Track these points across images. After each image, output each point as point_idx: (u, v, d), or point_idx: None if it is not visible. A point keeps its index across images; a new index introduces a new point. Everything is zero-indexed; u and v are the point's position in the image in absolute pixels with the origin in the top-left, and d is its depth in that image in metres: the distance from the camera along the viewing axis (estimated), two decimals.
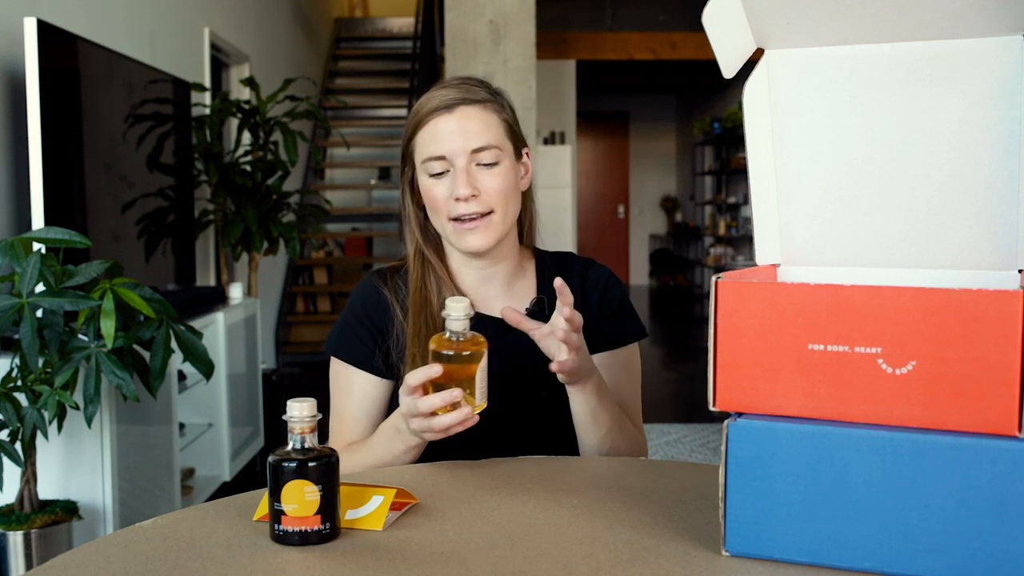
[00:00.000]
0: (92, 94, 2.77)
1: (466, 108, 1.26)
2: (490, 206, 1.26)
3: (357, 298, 1.36)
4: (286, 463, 0.89)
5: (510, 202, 1.29)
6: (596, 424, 1.24)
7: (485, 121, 1.27)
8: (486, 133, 1.26)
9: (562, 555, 0.86)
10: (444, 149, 1.25)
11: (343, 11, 9.02)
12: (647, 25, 9.27)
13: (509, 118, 1.32)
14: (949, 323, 0.76)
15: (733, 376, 0.84)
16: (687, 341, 7.81)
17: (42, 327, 1.94)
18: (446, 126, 1.26)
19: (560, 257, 1.42)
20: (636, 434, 1.32)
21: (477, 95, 1.28)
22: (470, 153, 1.25)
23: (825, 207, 0.94)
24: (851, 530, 0.80)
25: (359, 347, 1.32)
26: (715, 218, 9.87)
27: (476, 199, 1.25)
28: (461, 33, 5.55)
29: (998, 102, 0.85)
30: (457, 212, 1.25)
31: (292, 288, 6.61)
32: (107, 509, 2.31)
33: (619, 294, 1.39)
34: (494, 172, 1.26)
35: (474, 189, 1.24)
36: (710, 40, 0.90)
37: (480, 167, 1.26)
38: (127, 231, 3.02)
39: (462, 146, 1.25)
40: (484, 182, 1.25)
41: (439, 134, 1.26)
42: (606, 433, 1.25)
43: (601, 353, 1.34)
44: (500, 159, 1.27)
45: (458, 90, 1.28)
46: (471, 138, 1.25)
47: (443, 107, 1.26)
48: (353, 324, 1.33)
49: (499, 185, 1.26)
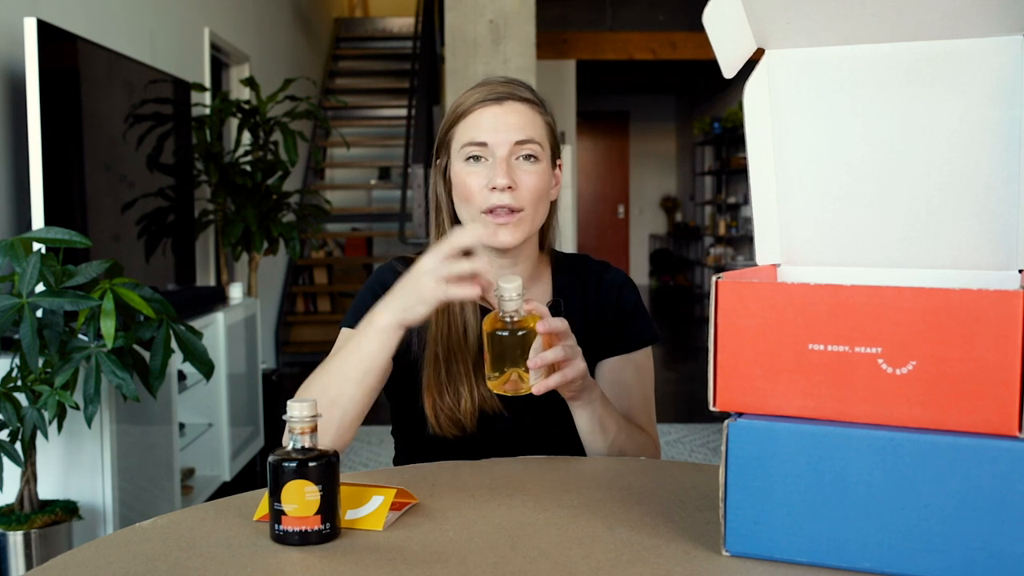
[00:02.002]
0: (92, 94, 2.77)
1: (514, 103, 1.27)
2: (523, 203, 1.25)
3: (377, 279, 1.34)
4: (286, 463, 0.89)
5: (540, 204, 1.29)
6: (604, 432, 1.24)
7: (531, 118, 1.28)
8: (531, 127, 1.27)
9: (562, 555, 0.86)
10: (487, 137, 1.25)
11: (343, 11, 9.02)
12: (647, 25, 9.27)
13: (551, 123, 1.33)
14: (949, 323, 0.76)
15: (733, 376, 0.84)
16: (687, 341, 7.81)
17: (42, 327, 1.94)
18: (492, 116, 1.26)
19: (576, 260, 1.42)
20: (644, 439, 1.31)
21: (525, 94, 1.30)
22: (513, 144, 1.25)
23: (825, 207, 0.94)
24: (851, 530, 0.80)
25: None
26: (715, 218, 9.87)
27: (512, 192, 1.24)
28: (461, 33, 5.54)
29: (998, 102, 0.85)
30: (491, 203, 1.24)
31: (292, 288, 6.60)
32: (107, 509, 2.31)
33: (634, 298, 1.39)
34: (532, 169, 1.26)
35: (512, 181, 1.24)
36: (710, 40, 0.90)
37: (519, 161, 1.26)
38: (127, 231, 3.02)
39: (506, 136, 1.25)
40: (522, 177, 1.25)
41: (483, 123, 1.26)
42: (613, 440, 1.24)
43: (615, 357, 1.35)
44: (540, 157, 1.28)
45: (507, 86, 1.29)
46: (515, 130, 1.26)
47: (491, 98, 1.27)
48: (369, 301, 1.33)
49: (535, 183, 1.26)
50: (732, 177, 9.39)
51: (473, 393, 1.25)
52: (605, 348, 1.34)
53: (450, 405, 1.25)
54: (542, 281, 1.38)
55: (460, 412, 1.25)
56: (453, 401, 1.25)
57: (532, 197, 1.26)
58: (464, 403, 1.25)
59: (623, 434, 1.26)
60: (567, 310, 1.34)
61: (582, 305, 1.36)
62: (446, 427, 1.26)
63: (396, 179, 7.32)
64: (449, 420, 1.26)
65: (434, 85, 6.48)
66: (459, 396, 1.25)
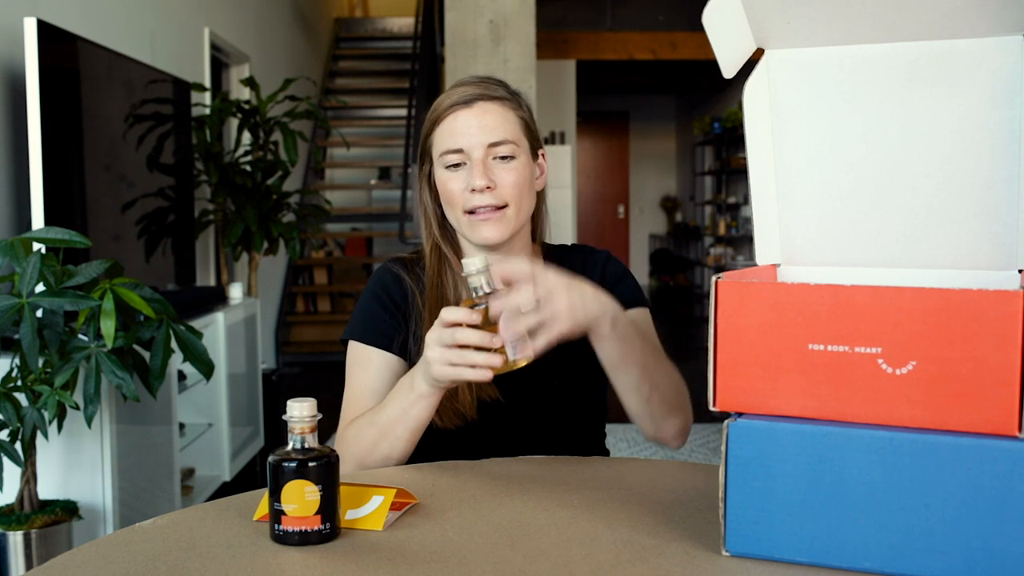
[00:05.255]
0: (92, 94, 2.77)
1: (484, 104, 1.29)
2: (505, 200, 1.27)
3: (378, 282, 1.36)
4: (286, 463, 0.89)
5: (524, 198, 1.30)
6: (626, 368, 1.18)
7: (503, 117, 1.29)
8: (503, 128, 1.28)
9: (562, 555, 0.86)
10: (462, 142, 1.27)
11: (343, 11, 9.02)
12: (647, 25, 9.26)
13: (526, 116, 1.34)
14: (949, 323, 0.76)
15: (733, 376, 0.84)
16: (687, 341, 7.81)
17: (42, 327, 1.94)
18: (464, 120, 1.27)
19: (561, 249, 1.44)
20: (675, 371, 1.27)
21: (495, 92, 1.31)
22: (487, 147, 1.27)
23: (825, 207, 0.94)
24: (851, 530, 0.80)
25: (381, 327, 1.32)
26: (715, 218, 9.87)
27: (491, 191, 1.26)
28: (461, 33, 5.54)
29: (998, 102, 0.85)
30: (472, 204, 1.27)
31: (292, 288, 6.60)
32: (107, 509, 2.31)
33: (620, 268, 1.41)
34: (510, 166, 1.28)
35: (490, 181, 1.26)
36: (710, 40, 0.90)
37: (496, 161, 1.28)
38: (127, 231, 3.02)
39: (479, 140, 1.27)
40: (500, 175, 1.27)
41: (457, 128, 1.28)
42: (642, 375, 1.19)
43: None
44: (516, 154, 1.29)
45: (477, 87, 1.30)
46: (488, 132, 1.27)
47: (462, 102, 1.28)
48: (374, 308, 1.34)
49: (514, 179, 1.28)
50: (732, 177, 9.38)
51: (470, 383, 1.26)
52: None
53: (448, 397, 1.25)
54: None
55: (459, 402, 1.26)
56: (450, 392, 1.25)
57: (513, 192, 1.28)
58: (462, 393, 1.26)
59: (652, 363, 1.20)
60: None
61: None
62: (449, 419, 1.27)
63: (396, 179, 7.32)
64: (451, 412, 1.26)
65: (434, 85, 6.48)
66: (456, 387, 1.25)
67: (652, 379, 1.20)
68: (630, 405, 1.21)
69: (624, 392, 1.20)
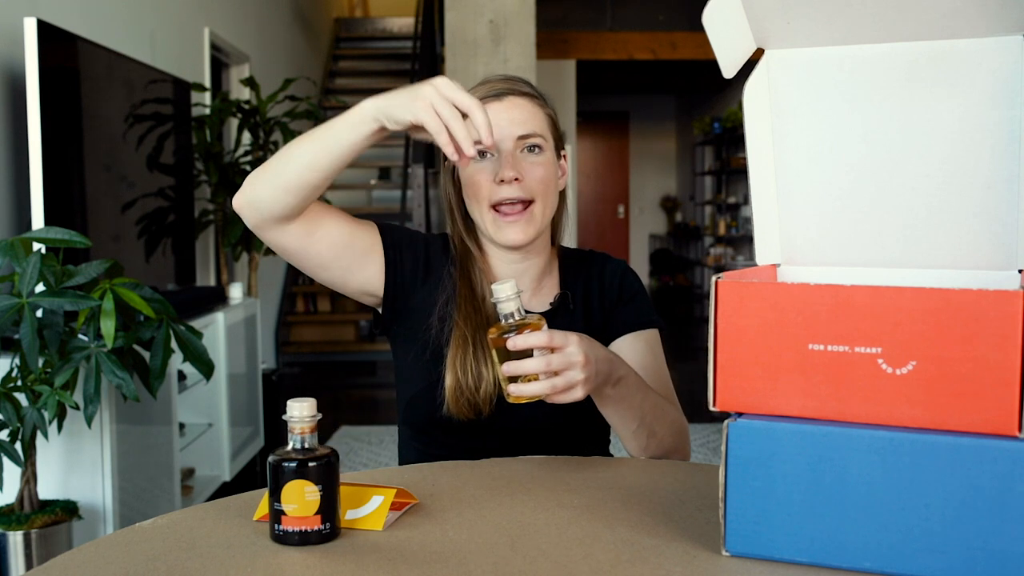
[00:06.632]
0: (92, 94, 2.77)
1: (514, 98, 1.30)
2: (532, 194, 1.27)
3: (432, 237, 1.38)
4: (286, 463, 0.89)
5: (549, 195, 1.31)
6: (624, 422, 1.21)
7: (531, 112, 1.31)
8: (532, 122, 1.30)
9: (562, 555, 0.86)
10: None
11: (343, 11, 9.02)
12: (647, 25, 9.26)
13: (553, 115, 1.36)
14: (949, 323, 0.76)
15: (733, 376, 0.84)
16: (687, 341, 7.81)
17: (42, 327, 1.94)
18: (494, 113, 1.27)
19: (581, 254, 1.44)
20: (676, 415, 1.28)
21: (525, 89, 1.32)
22: (516, 139, 1.28)
23: (825, 207, 0.94)
24: (851, 530, 0.80)
25: (401, 242, 1.32)
26: (715, 218, 9.86)
27: (519, 184, 1.26)
28: (461, 33, 5.54)
29: (998, 102, 0.85)
30: (499, 196, 1.26)
31: (292, 288, 6.60)
32: (107, 509, 2.31)
33: (637, 284, 1.41)
34: (538, 160, 1.29)
35: (518, 173, 1.26)
36: (710, 40, 0.90)
37: (524, 153, 1.29)
38: (127, 231, 3.02)
39: (509, 132, 1.27)
40: (528, 169, 1.28)
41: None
42: (639, 426, 1.21)
43: (624, 337, 1.35)
44: (544, 148, 1.30)
45: (507, 83, 1.32)
46: (518, 125, 1.28)
47: (492, 95, 1.29)
48: (413, 238, 1.35)
49: (542, 174, 1.28)
50: (732, 177, 9.38)
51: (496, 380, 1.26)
52: (615, 329, 1.35)
53: (472, 386, 1.25)
54: (552, 275, 1.40)
55: (479, 395, 1.25)
56: (475, 382, 1.25)
57: (540, 187, 1.28)
58: (485, 387, 1.25)
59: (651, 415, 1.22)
60: (574, 301, 1.36)
61: (587, 294, 1.38)
62: (463, 409, 1.25)
63: (396, 179, 7.31)
64: (467, 402, 1.25)
65: None
66: (480, 378, 1.25)
67: (650, 428, 1.22)
68: (626, 444, 1.24)
69: (621, 435, 1.24)
